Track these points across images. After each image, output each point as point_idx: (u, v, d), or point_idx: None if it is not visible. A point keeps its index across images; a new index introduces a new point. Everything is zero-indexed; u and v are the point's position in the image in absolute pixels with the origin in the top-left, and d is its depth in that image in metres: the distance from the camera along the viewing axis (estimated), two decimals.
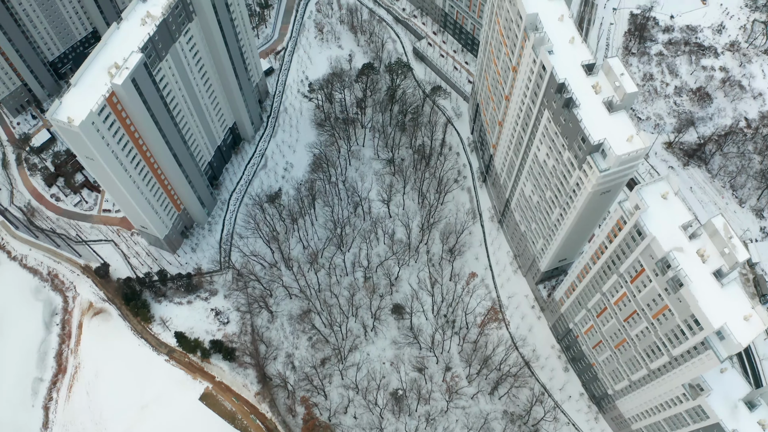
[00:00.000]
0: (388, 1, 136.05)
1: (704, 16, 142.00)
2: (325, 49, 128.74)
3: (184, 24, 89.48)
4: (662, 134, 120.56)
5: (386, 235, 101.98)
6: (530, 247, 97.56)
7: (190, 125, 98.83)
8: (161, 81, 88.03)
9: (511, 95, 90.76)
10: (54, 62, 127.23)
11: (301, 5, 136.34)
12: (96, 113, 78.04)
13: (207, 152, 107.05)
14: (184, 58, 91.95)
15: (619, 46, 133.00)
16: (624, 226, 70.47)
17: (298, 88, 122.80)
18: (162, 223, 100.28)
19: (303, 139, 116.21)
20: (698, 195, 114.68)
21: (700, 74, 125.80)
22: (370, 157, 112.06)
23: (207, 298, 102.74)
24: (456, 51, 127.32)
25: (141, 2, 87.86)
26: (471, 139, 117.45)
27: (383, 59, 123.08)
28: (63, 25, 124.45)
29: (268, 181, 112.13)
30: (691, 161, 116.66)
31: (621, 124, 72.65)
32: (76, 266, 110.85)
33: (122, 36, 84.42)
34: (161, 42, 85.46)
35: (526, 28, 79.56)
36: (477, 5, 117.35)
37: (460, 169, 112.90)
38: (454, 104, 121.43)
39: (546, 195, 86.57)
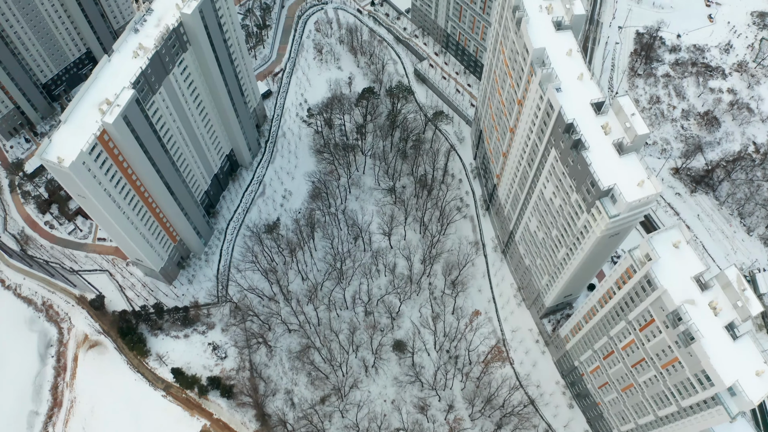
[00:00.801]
0: (389, 21, 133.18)
1: (711, 35, 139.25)
2: (324, 70, 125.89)
3: (178, 54, 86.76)
4: (669, 159, 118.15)
5: (387, 268, 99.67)
6: (535, 282, 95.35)
7: (185, 156, 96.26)
8: (154, 114, 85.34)
9: (516, 128, 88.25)
10: (47, 84, 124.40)
11: (299, 24, 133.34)
12: (87, 153, 75.37)
13: (203, 181, 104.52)
14: (179, 89, 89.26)
15: (625, 67, 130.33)
16: (633, 275, 68.30)
17: (297, 112, 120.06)
18: (157, 255, 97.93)
19: (302, 166, 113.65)
20: (705, 223, 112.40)
21: (708, 97, 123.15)
22: (371, 186, 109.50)
23: (204, 332, 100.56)
24: (458, 73, 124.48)
25: (133, 33, 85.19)
26: (474, 165, 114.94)
27: (384, 82, 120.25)
28: (56, 46, 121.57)
29: (266, 209, 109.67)
30: (699, 188, 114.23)
31: (631, 167, 70.09)
32: (71, 297, 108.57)
33: (114, 69, 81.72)
34: (154, 75, 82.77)
35: (533, 63, 76.92)
36: (480, 28, 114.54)
37: (462, 197, 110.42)
38: (456, 128, 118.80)
39: (552, 233, 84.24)
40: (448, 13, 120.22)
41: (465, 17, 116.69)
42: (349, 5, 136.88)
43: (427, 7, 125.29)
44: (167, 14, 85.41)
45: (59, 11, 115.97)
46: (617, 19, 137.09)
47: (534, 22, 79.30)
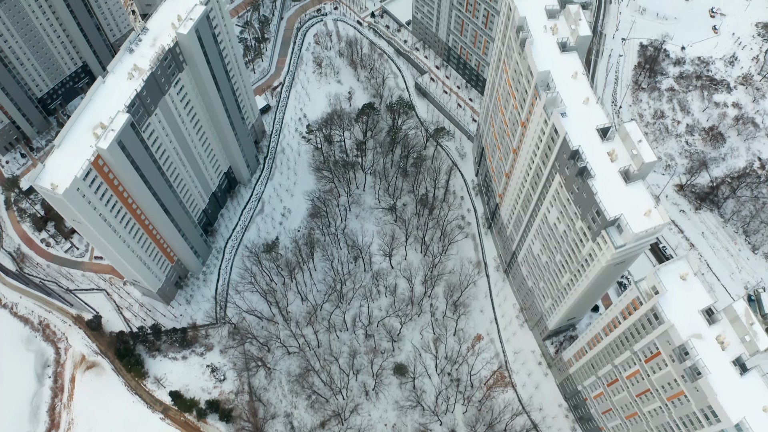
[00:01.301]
0: (389, 33, 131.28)
1: (716, 47, 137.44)
2: (323, 84, 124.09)
3: (174, 74, 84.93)
4: (673, 176, 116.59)
5: (388, 290, 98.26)
6: (538, 304, 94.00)
7: (182, 176, 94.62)
8: (150, 136, 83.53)
9: (519, 150, 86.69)
10: (43, 98, 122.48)
11: (298, 37, 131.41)
12: (81, 179, 73.60)
13: (201, 200, 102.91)
14: (175, 109, 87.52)
15: (628, 80, 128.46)
16: (640, 307, 66.97)
17: (296, 127, 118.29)
18: (155, 277, 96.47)
19: (301, 183, 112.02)
20: (710, 241, 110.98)
21: (713, 111, 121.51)
22: (371, 204, 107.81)
23: (202, 354, 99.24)
24: (460, 87, 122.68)
25: (128, 53, 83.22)
26: (475, 182, 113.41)
27: (384, 96, 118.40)
28: (51, 60, 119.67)
29: (265, 227, 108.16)
30: (703, 205, 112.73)
31: (638, 196, 68.56)
32: (67, 316, 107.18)
33: (108, 91, 79.82)
34: (149, 97, 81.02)
35: (537, 86, 75.31)
36: (482, 42, 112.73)
37: (464, 215, 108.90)
38: (458, 144, 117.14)
39: (555, 258, 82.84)
40: (449, 27, 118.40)
41: (467, 31, 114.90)
42: (349, 17, 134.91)
43: (427, 20, 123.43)
44: (163, 33, 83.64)
45: (54, 25, 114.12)
46: (621, 31, 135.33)
47: (538, 43, 77.68)
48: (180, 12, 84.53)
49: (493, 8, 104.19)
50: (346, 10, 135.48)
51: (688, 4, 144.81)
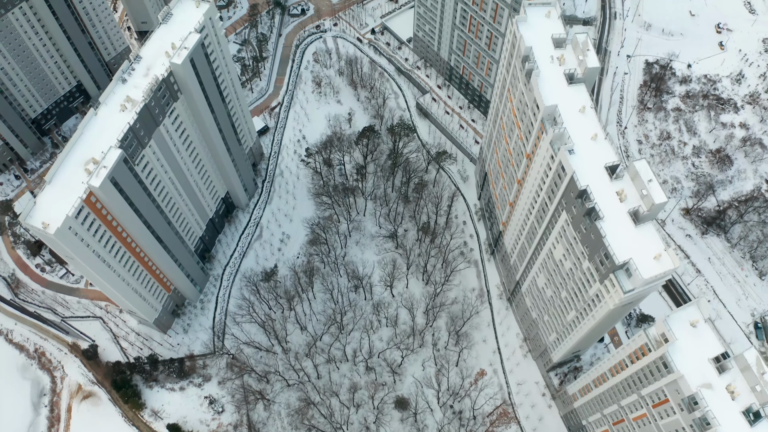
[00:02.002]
0: (389, 51, 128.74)
1: (722, 64, 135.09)
2: (323, 104, 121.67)
3: (169, 104, 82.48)
4: (680, 198, 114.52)
5: (389, 321, 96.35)
6: (542, 336, 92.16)
7: (178, 205, 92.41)
8: (144, 169, 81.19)
9: (524, 181, 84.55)
10: (37, 119, 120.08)
11: (297, 54, 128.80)
12: (72, 217, 71.30)
13: (198, 227, 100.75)
14: (170, 139, 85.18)
15: (634, 100, 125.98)
16: (648, 354, 65.17)
17: (295, 149, 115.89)
18: (151, 307, 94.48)
19: (300, 207, 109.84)
20: (716, 266, 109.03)
21: (720, 132, 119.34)
22: (372, 231, 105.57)
23: (200, 384, 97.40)
24: (462, 107, 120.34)
25: (120, 83, 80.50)
26: (478, 207, 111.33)
27: (385, 117, 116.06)
28: (45, 81, 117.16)
29: (263, 253, 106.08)
30: (710, 229, 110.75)
31: (648, 238, 66.41)
32: (63, 344, 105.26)
33: (100, 124, 77.28)
34: (143, 129, 78.64)
35: (544, 120, 73.13)
36: (485, 64, 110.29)
37: (466, 240, 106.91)
38: (460, 167, 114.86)
39: (561, 294, 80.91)
40: (451, 47, 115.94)
41: (469, 52, 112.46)
42: (349, 34, 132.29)
43: (429, 38, 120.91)
44: (156, 62, 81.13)
45: (47, 45, 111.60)
46: (626, 48, 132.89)
47: (545, 75, 75.25)
48: (174, 39, 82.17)
49: (497, 30, 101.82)
50: (345, 27, 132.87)
51: (694, 20, 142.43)
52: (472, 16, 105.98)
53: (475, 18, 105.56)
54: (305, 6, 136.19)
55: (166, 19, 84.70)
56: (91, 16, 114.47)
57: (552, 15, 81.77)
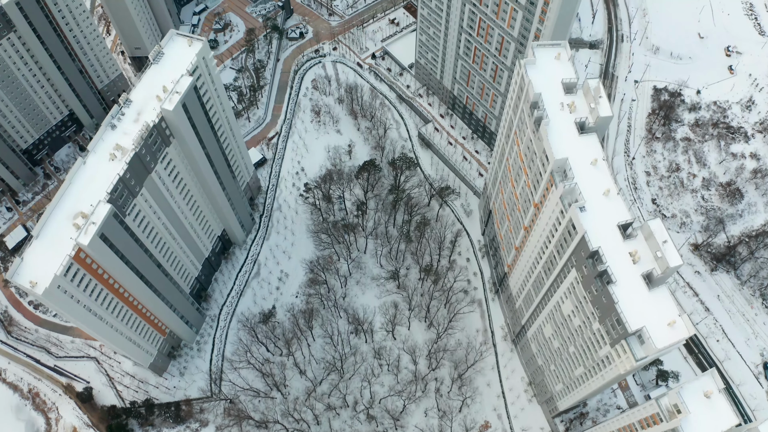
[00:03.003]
0: (391, 77, 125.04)
1: (732, 89, 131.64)
2: (322, 134, 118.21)
3: (161, 150, 78.91)
4: (688, 232, 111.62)
5: (390, 366, 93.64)
6: (548, 384, 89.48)
7: (173, 249, 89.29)
8: (136, 219, 77.81)
9: (531, 229, 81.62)
10: (28, 149, 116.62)
11: (295, 81, 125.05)
12: (61, 276, 68.21)
13: (193, 268, 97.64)
14: (162, 185, 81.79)
15: (642, 128, 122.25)
16: (660, 423, 62.60)
17: (293, 182, 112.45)
18: (145, 353, 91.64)
19: (299, 243, 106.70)
20: (725, 304, 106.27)
21: (730, 164, 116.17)
22: (373, 271, 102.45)
23: (197, 430, 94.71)
24: (465, 138, 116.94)
25: (110, 129, 76.80)
26: (482, 243, 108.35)
27: (386, 149, 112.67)
28: (35, 111, 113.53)
29: (261, 292, 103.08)
30: (720, 266, 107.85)
31: (662, 303, 63.53)
32: (57, 385, 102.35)
33: (89, 174, 73.85)
34: (134, 179, 75.20)
35: (554, 174, 70.02)
36: (490, 95, 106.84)
37: (470, 278, 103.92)
38: (463, 200, 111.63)
39: (569, 348, 78.18)
40: (454, 76, 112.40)
41: (473, 82, 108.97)
42: (349, 58, 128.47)
43: (431, 66, 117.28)
44: (147, 107, 77.43)
45: (37, 75, 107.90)
46: (633, 72, 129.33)
47: (554, 123, 72.02)
48: (166, 81, 78.46)
49: (503, 63, 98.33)
50: (345, 51, 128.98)
51: (703, 43, 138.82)
52: (477, 48, 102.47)
53: (479, 50, 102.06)
54: (304, 29, 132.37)
55: (157, 59, 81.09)
56: (82, 44, 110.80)
57: (562, 57, 78.32)
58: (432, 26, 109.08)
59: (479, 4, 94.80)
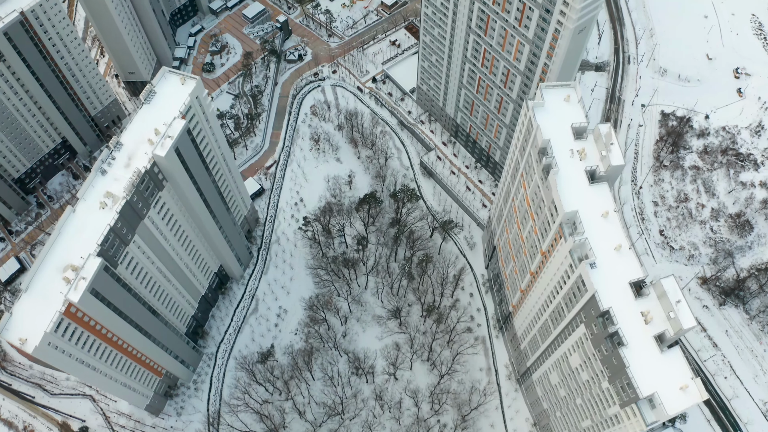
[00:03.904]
0: (392, 102, 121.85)
1: (741, 113, 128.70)
2: (321, 162, 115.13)
3: (154, 195, 75.94)
4: (696, 265, 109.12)
5: (392, 408, 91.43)
6: (554, 429, 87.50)
7: (167, 291, 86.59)
8: (129, 267, 75.17)
9: (537, 275, 79.12)
10: (20, 178, 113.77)
11: (294, 105, 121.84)
12: (51, 332, 65.72)
13: (189, 307, 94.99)
14: (156, 229, 78.96)
15: (649, 155, 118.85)
16: None
17: (292, 213, 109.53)
18: (141, 396, 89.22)
19: (298, 278, 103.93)
20: (734, 340, 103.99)
21: (740, 194, 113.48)
22: (375, 310, 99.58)
23: None
24: (468, 167, 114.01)
25: (100, 175, 73.74)
26: (485, 278, 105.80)
27: (387, 178, 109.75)
28: (27, 140, 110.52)
29: (259, 329, 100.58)
30: (728, 300, 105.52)
31: (674, 365, 60.84)
32: (53, 423, 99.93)
33: (79, 223, 71.04)
34: (126, 227, 72.41)
35: (563, 226, 67.38)
36: (494, 126, 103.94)
37: (473, 314, 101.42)
38: (467, 232, 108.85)
39: (576, 400, 75.83)
40: (457, 104, 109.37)
41: (477, 112, 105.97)
42: (349, 82, 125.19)
43: (434, 93, 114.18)
44: (138, 151, 74.27)
45: (28, 104, 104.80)
46: (641, 96, 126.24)
47: (564, 170, 68.86)
48: (158, 124, 75.24)
49: (508, 96, 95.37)
50: (345, 74, 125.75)
51: (712, 64, 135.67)
52: (481, 78, 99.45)
53: (483, 80, 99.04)
54: (302, 51, 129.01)
55: (149, 99, 77.94)
56: (74, 71, 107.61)
57: (571, 99, 75.27)
58: (435, 53, 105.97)
59: (484, 36, 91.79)
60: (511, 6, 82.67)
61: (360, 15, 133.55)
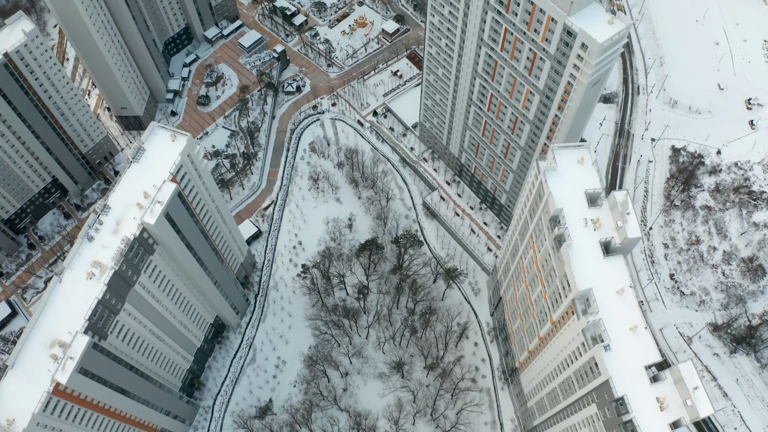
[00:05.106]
0: (394, 137, 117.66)
1: (753, 147, 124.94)
2: (320, 202, 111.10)
3: (144, 260, 72.17)
4: (707, 311, 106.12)
5: None
6: None
7: (162, 351, 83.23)
8: (119, 335, 71.71)
9: (546, 342, 75.95)
10: (10, 219, 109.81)
11: (292, 141, 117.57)
12: (40, 413, 62.58)
13: (184, 362, 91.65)
14: (147, 293, 75.25)
15: (660, 195, 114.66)
16: None
17: (290, 257, 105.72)
18: None
19: (297, 326, 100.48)
20: (744, 389, 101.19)
21: (752, 236, 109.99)
22: (376, 362, 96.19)
23: None
24: (473, 207, 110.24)
25: (87, 241, 69.84)
26: (491, 326, 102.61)
27: (389, 221, 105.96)
28: (16, 181, 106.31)
29: (257, 380, 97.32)
30: (739, 348, 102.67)
31: None
32: None
33: (65, 295, 67.40)
34: (115, 297, 68.82)
35: (575, 302, 63.98)
36: (500, 170, 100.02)
37: (477, 365, 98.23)
38: (471, 277, 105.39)
39: None
40: (462, 144, 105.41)
41: (483, 154, 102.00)
42: (349, 115, 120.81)
43: (437, 131, 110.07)
44: (127, 215, 70.31)
45: (16, 145, 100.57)
46: (650, 130, 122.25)
47: (577, 242, 65.28)
48: (147, 186, 71.22)
49: (516, 143, 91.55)
50: (345, 107, 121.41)
51: (723, 95, 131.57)
52: (487, 122, 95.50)
53: (490, 124, 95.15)
54: (301, 82, 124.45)
55: (137, 157, 73.87)
56: (62, 110, 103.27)
57: (585, 161, 71.52)
58: (438, 93, 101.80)
59: (491, 81, 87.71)
60: (521, 54, 78.64)
61: (360, 43, 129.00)
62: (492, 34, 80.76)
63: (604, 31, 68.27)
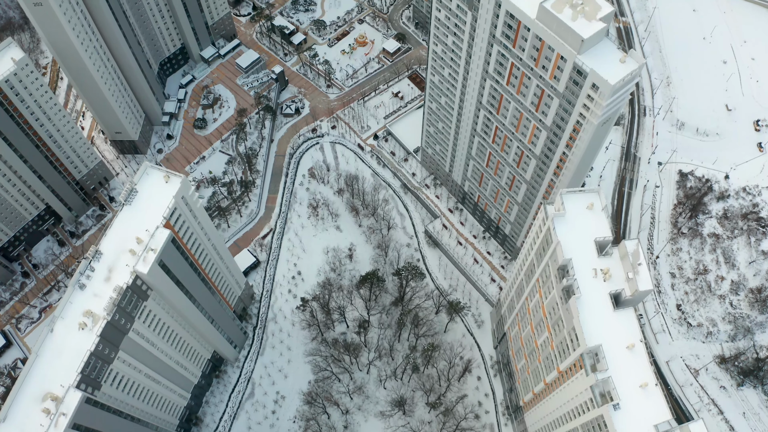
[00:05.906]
0: (395, 162, 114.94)
1: (762, 171, 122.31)
2: (320, 231, 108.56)
3: (138, 307, 69.96)
4: (714, 342, 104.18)
5: None
6: None
7: (158, 393, 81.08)
8: (113, 383, 69.50)
9: (552, 389, 73.93)
10: (4, 247, 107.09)
11: (291, 166, 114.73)
12: None
13: (181, 400, 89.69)
14: (142, 339, 72.98)
15: (667, 222, 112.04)
16: None
17: (289, 288, 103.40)
18: None
19: (296, 360, 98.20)
20: (751, 422, 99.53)
21: (761, 265, 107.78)
22: (377, 401, 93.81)
23: None
24: (476, 236, 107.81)
25: (78, 290, 67.55)
26: (494, 359, 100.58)
27: (390, 250, 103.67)
28: (9, 209, 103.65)
29: (255, 416, 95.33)
30: (747, 380, 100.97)
31: None
32: None
33: (57, 345, 65.18)
34: (108, 347, 66.63)
35: (584, 358, 61.88)
36: (505, 201, 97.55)
37: (481, 400, 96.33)
38: (474, 309, 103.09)
39: None
40: (465, 173, 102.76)
41: (486, 185, 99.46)
42: (349, 138, 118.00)
43: (439, 158, 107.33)
44: (119, 262, 67.95)
45: (7, 174, 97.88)
46: (657, 153, 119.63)
47: (586, 294, 63.06)
48: (140, 231, 68.88)
49: (521, 175, 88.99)
50: (345, 129, 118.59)
51: (731, 116, 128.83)
52: (491, 154, 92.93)
53: (494, 156, 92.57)
54: (300, 104, 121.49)
55: (129, 200, 71.37)
56: (55, 137, 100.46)
57: (595, 207, 69.04)
58: (441, 121, 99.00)
59: (496, 114, 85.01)
60: (528, 90, 75.89)
61: (360, 63, 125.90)
62: (497, 67, 77.88)
63: (616, 72, 65.25)
